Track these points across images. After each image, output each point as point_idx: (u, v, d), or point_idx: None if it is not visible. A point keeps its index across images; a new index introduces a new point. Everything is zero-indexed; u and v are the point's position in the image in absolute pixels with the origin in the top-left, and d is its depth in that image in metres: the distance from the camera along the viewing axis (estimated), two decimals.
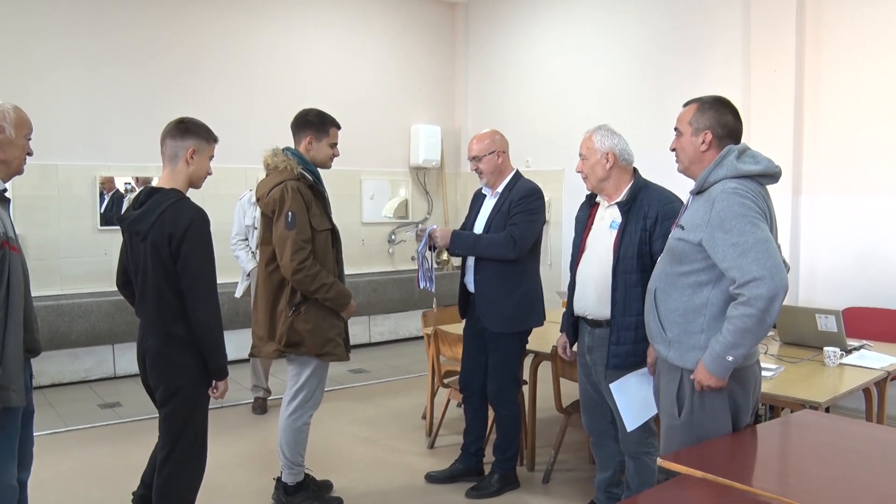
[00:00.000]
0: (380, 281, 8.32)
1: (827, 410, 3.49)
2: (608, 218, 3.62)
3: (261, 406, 5.97)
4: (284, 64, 8.17)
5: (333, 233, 3.97)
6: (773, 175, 2.88)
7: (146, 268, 3.18)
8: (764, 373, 3.75)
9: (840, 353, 4.08)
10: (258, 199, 4.02)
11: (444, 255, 4.10)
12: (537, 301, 4.31)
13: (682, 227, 2.88)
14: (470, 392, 4.47)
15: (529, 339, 4.39)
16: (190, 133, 3.26)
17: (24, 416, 3.03)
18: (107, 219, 7.13)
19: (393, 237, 9.10)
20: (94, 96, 7.01)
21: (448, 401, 5.22)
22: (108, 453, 5.00)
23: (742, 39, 6.36)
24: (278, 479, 4.18)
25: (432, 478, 4.54)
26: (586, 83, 7.89)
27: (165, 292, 3.16)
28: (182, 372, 3.22)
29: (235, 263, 6.07)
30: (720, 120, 2.91)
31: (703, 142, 2.90)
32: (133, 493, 3.59)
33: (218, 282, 3.29)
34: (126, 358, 6.83)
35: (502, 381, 4.28)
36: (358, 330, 8.26)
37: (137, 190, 7.16)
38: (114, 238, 7.13)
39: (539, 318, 4.32)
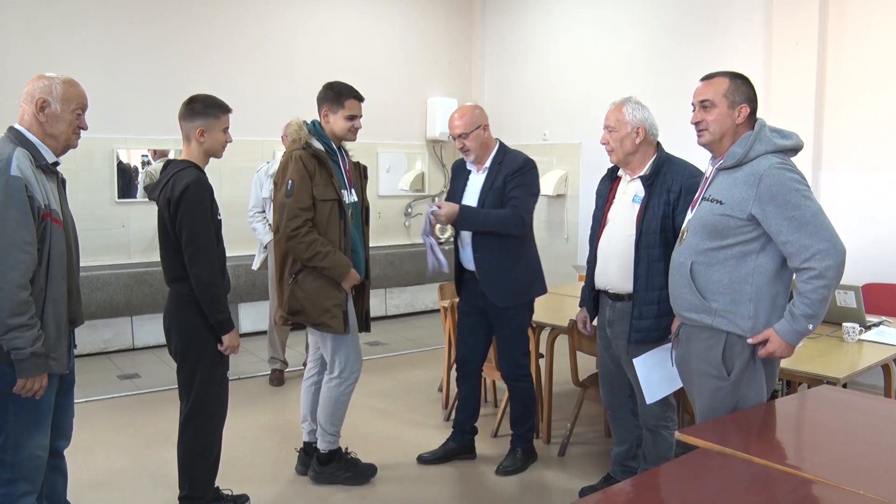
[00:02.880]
0: (396, 254, 8.33)
1: (845, 386, 3.48)
2: (631, 192, 3.58)
3: (278, 378, 6.01)
4: (300, 37, 8.13)
5: (340, 204, 3.90)
6: (797, 149, 2.95)
7: (159, 233, 3.46)
8: None
9: (859, 328, 4.05)
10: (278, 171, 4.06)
11: (449, 231, 4.05)
12: (538, 270, 4.28)
13: (721, 202, 2.88)
14: (468, 370, 4.43)
15: (546, 312, 4.38)
16: (197, 114, 3.44)
17: (64, 385, 3.11)
18: (124, 191, 7.16)
19: (409, 210, 9.09)
20: (112, 70, 7.00)
21: None
22: (128, 423, 5.05)
23: (763, 10, 6.27)
24: (302, 450, 4.23)
25: (424, 460, 4.46)
26: (604, 55, 7.82)
27: (171, 254, 3.41)
28: (188, 328, 3.43)
29: (253, 236, 6.09)
30: (752, 95, 2.96)
31: (740, 115, 2.92)
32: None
33: (236, 254, 3.34)
34: (144, 329, 6.89)
35: (516, 356, 4.26)
36: (374, 303, 8.24)
37: (154, 162, 7.22)
38: (131, 210, 7.18)
39: (542, 287, 4.29)
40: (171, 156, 7.29)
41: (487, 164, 4.16)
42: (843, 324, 4.06)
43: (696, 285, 2.96)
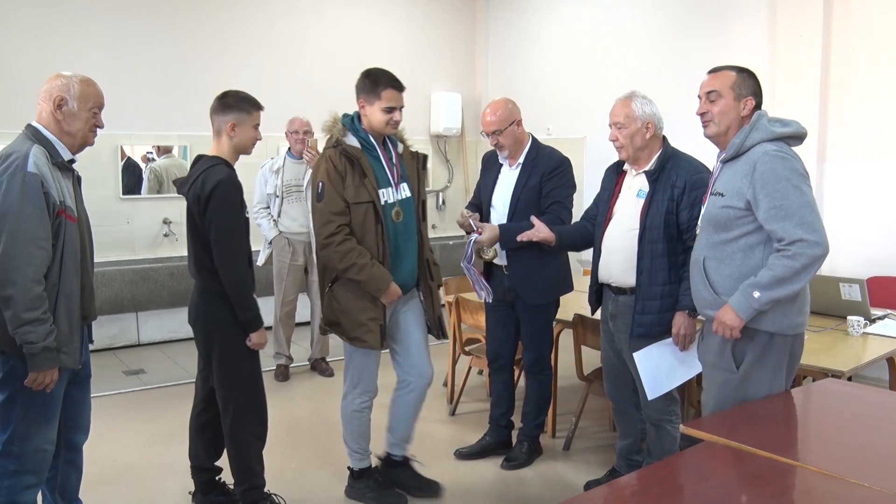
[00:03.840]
0: None
1: (850, 380, 3.48)
2: (635, 186, 3.58)
3: (283, 373, 6.02)
4: (304, 32, 8.12)
5: (376, 207, 3.57)
6: (801, 136, 2.96)
7: (188, 228, 3.47)
8: None
9: (864, 322, 4.05)
10: None
11: (492, 252, 3.94)
12: (567, 269, 4.30)
13: (722, 195, 2.89)
14: (500, 364, 4.41)
15: None
16: (230, 108, 3.42)
17: (81, 380, 3.19)
18: (128, 188, 7.17)
19: None
20: (116, 66, 7.00)
21: (469, 368, 5.24)
22: (134, 419, 5.07)
23: (768, 2, 6.26)
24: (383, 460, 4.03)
25: (463, 454, 4.44)
26: (608, 50, 7.80)
27: (199, 250, 3.41)
28: (217, 322, 3.45)
29: (258, 231, 6.10)
30: (757, 89, 2.99)
31: (746, 107, 2.94)
32: (191, 468, 3.82)
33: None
34: (149, 325, 6.91)
35: (542, 350, 4.26)
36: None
37: (157, 160, 7.24)
38: (136, 207, 7.19)
39: (570, 285, 4.31)
40: (175, 152, 7.32)
41: (521, 159, 4.12)
42: (848, 317, 4.06)
43: (709, 281, 2.98)
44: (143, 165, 7.21)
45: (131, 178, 7.18)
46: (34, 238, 2.73)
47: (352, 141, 3.65)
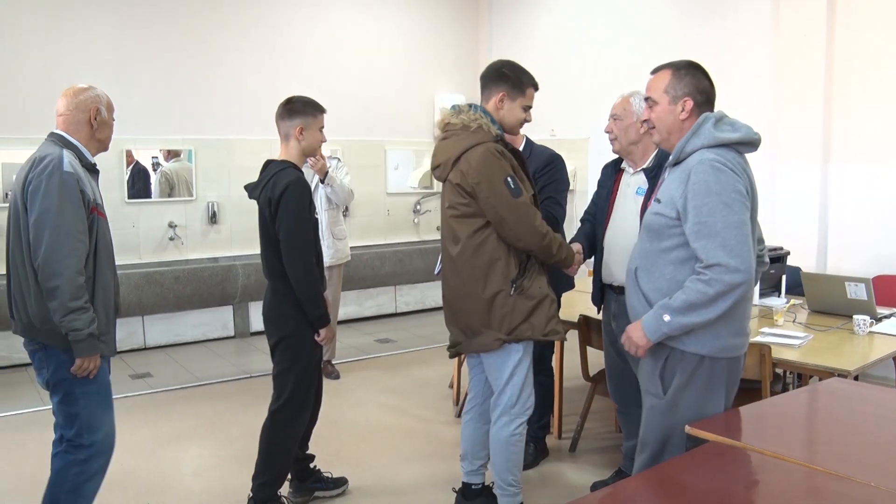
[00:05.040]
0: (405, 251, 8.34)
1: (856, 379, 3.47)
2: (634, 185, 3.59)
3: None
4: (307, 34, 8.13)
5: (535, 201, 3.37)
6: (752, 143, 2.72)
7: (260, 230, 3.59)
8: (792, 341, 3.76)
9: (870, 321, 4.04)
10: (436, 167, 3.43)
11: None
12: None
13: (659, 201, 2.76)
14: (544, 366, 4.37)
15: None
16: (296, 113, 3.56)
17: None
18: (134, 192, 7.19)
19: (418, 207, 9.10)
20: (123, 71, 7.02)
21: None
22: (140, 423, 5.08)
23: (771, 3, 6.25)
24: (459, 492, 3.79)
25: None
26: (612, 50, 7.80)
27: (270, 251, 3.54)
28: (287, 323, 3.57)
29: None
30: (698, 86, 2.77)
31: (683, 110, 2.74)
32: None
33: (247, 252, 3.39)
34: (155, 329, 6.92)
35: (541, 350, 4.25)
36: (384, 300, 8.30)
37: (166, 164, 7.26)
38: (141, 211, 7.21)
39: (570, 283, 4.30)
40: (182, 157, 7.34)
41: None
42: (854, 316, 4.05)
43: (641, 291, 2.81)
44: (150, 169, 7.23)
45: (139, 183, 7.20)
46: (74, 232, 2.92)
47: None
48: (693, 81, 2.76)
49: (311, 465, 3.97)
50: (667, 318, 2.64)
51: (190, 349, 6.87)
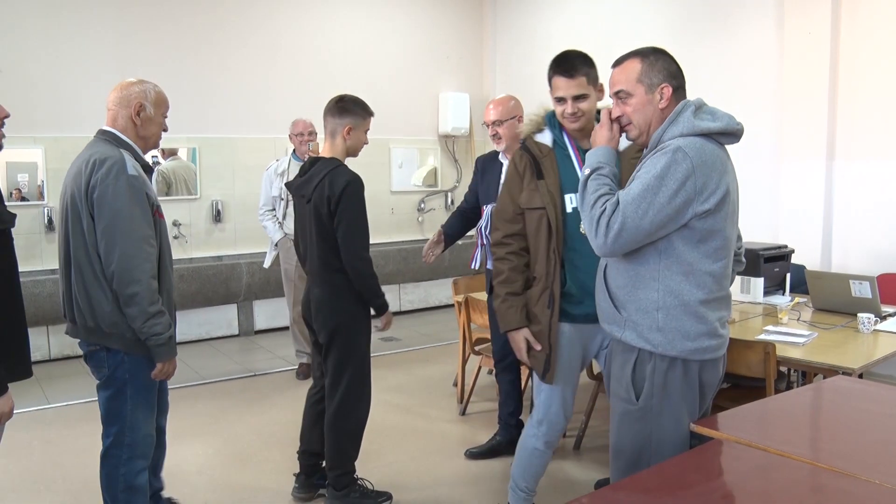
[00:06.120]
0: (409, 249, 8.34)
1: (860, 377, 3.46)
2: None
3: (304, 372, 6.03)
4: (310, 33, 8.13)
5: (549, 215, 3.06)
6: (733, 133, 2.53)
7: (311, 227, 3.59)
8: (796, 339, 3.75)
9: (874, 319, 4.03)
10: None
11: None
12: None
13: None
14: (506, 363, 4.42)
15: None
16: (347, 112, 3.60)
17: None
18: None
19: (422, 205, 9.10)
20: (123, 70, 7.01)
21: (479, 368, 5.25)
22: None
23: (776, 1, 6.24)
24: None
25: (473, 454, 4.46)
26: (616, 48, 7.74)
27: (325, 248, 3.55)
28: (341, 315, 3.62)
29: (264, 234, 6.12)
30: (671, 70, 2.57)
31: (662, 98, 2.53)
32: (297, 452, 3.96)
33: (249, 251, 3.38)
34: None
35: (508, 348, 4.25)
36: (388, 298, 8.27)
37: (163, 162, 7.24)
38: None
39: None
40: (181, 154, 7.33)
41: None
42: (859, 314, 4.04)
43: (608, 290, 2.64)
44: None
45: None
46: (146, 237, 2.93)
47: (544, 137, 3.27)
48: (665, 66, 2.57)
49: (321, 463, 3.94)
50: (587, 171, 2.58)
51: (193, 347, 6.88)
